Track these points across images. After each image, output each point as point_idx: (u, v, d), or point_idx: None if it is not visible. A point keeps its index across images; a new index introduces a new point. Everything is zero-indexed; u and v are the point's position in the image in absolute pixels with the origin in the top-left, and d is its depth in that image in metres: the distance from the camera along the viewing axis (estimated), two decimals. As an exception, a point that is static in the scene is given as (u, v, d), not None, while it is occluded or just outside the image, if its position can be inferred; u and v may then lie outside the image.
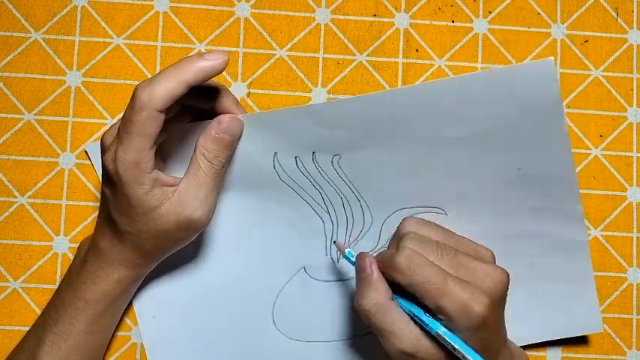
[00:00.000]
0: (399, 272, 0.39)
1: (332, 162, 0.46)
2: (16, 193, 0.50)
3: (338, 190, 0.47)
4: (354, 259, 0.43)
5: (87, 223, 0.50)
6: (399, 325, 0.39)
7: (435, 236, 0.42)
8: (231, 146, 0.42)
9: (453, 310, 0.38)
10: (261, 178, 0.46)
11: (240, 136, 0.43)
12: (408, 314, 0.40)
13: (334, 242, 0.48)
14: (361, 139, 0.44)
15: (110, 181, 0.41)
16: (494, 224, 0.46)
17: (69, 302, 0.44)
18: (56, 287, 0.47)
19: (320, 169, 0.46)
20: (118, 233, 0.43)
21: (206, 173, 0.41)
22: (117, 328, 0.49)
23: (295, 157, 0.45)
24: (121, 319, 0.49)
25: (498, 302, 0.39)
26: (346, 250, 0.44)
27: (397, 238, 0.42)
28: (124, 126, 0.39)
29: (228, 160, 0.43)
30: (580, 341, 0.51)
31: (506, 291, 0.40)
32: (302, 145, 0.45)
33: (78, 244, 0.48)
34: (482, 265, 0.40)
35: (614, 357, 0.52)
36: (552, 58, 0.41)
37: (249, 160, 0.45)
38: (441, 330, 0.38)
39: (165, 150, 0.45)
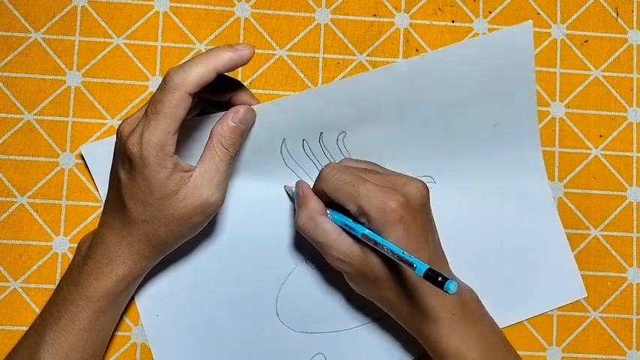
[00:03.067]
0: (324, 181, 0.44)
1: (337, 140, 0.48)
2: (16, 193, 0.50)
3: None
4: None
5: (87, 223, 0.50)
6: (331, 235, 0.43)
7: (363, 165, 0.47)
8: (244, 135, 0.44)
9: (369, 208, 0.42)
10: (266, 165, 0.48)
11: (252, 125, 0.45)
12: (340, 227, 0.44)
13: (284, 187, 0.50)
14: (364, 113, 0.47)
15: (131, 165, 0.41)
16: (476, 186, 0.50)
17: (70, 300, 0.44)
18: (55, 287, 0.47)
19: (325, 150, 0.48)
20: (128, 224, 0.43)
21: (222, 159, 0.43)
22: (117, 328, 0.49)
23: (303, 141, 0.47)
24: (121, 319, 0.49)
25: (417, 207, 0.43)
26: (292, 190, 0.48)
27: None
28: (153, 108, 0.40)
29: (240, 148, 0.45)
30: (580, 341, 0.52)
31: (425, 200, 0.44)
32: (311, 126, 0.47)
33: (77, 244, 0.48)
34: (401, 178, 0.44)
35: (614, 357, 0.52)
36: (531, 21, 0.45)
37: (257, 148, 0.47)
38: (365, 231, 0.42)
39: None
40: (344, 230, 0.44)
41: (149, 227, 0.43)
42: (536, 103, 0.48)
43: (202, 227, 0.45)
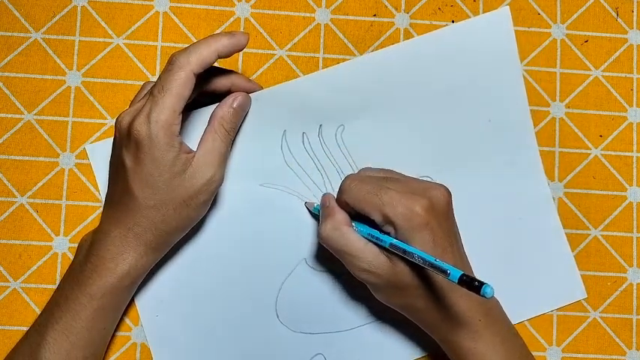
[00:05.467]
0: (346, 192, 0.44)
1: (335, 135, 0.49)
2: (16, 193, 0.50)
3: (338, 168, 0.50)
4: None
5: (87, 223, 0.50)
6: (356, 246, 0.43)
7: (382, 173, 0.47)
8: (242, 118, 0.47)
9: (394, 215, 0.41)
10: (266, 163, 0.49)
11: (248, 111, 0.47)
12: (366, 238, 0.43)
13: (305, 203, 0.50)
14: (362, 103, 0.49)
15: (138, 147, 0.42)
16: (475, 186, 0.51)
17: (73, 299, 0.44)
18: (56, 287, 0.47)
19: (323, 144, 0.49)
20: (135, 213, 0.43)
21: (222, 141, 0.44)
22: (117, 328, 0.49)
23: (303, 134, 0.49)
24: (121, 319, 0.49)
25: (441, 212, 0.42)
26: (313, 206, 0.48)
27: None
28: (159, 87, 0.41)
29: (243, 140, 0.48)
30: (580, 341, 0.52)
31: (449, 205, 0.43)
32: (311, 116, 0.49)
33: (78, 244, 0.48)
34: (424, 183, 0.44)
35: (614, 357, 0.52)
36: (507, 7, 0.48)
37: (258, 143, 0.48)
38: (393, 241, 0.41)
39: None
40: (369, 241, 0.43)
41: (156, 214, 0.43)
42: (526, 96, 0.50)
43: (206, 210, 0.46)
